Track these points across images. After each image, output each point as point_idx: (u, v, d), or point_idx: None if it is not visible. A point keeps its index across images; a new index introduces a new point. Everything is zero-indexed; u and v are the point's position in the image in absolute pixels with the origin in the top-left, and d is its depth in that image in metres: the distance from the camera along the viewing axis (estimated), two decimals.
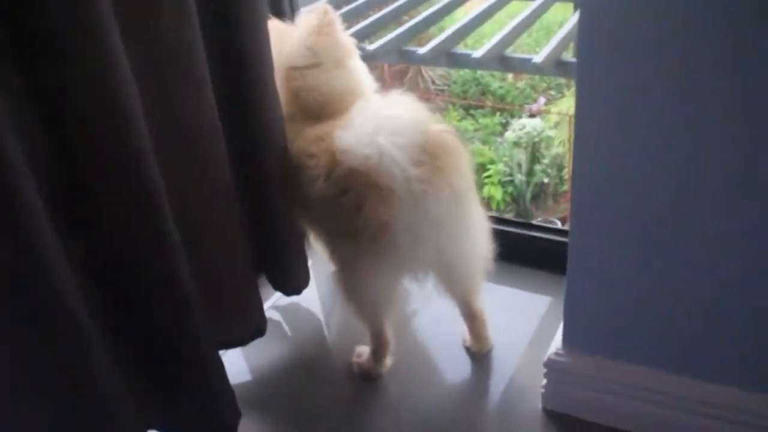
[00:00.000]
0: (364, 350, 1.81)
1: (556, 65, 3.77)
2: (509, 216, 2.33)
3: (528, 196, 5.21)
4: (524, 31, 4.29)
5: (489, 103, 6.10)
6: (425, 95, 5.72)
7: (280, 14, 1.91)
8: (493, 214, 2.20)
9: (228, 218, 1.57)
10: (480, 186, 5.19)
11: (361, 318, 1.69)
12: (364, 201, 1.42)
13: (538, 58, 3.61)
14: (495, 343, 1.83)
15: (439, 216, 1.44)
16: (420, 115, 1.46)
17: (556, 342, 1.60)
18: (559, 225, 4.99)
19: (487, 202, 5.27)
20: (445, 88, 6.21)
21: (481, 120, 5.97)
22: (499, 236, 1.70)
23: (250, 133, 1.66)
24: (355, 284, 1.58)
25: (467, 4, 5.19)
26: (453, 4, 4.60)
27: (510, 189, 5.21)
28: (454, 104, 6.10)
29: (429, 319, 1.94)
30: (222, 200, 1.54)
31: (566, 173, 4.99)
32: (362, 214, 1.42)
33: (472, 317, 1.79)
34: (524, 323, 1.93)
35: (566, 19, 6.48)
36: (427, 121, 1.46)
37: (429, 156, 1.40)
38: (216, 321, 1.63)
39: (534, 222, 2.12)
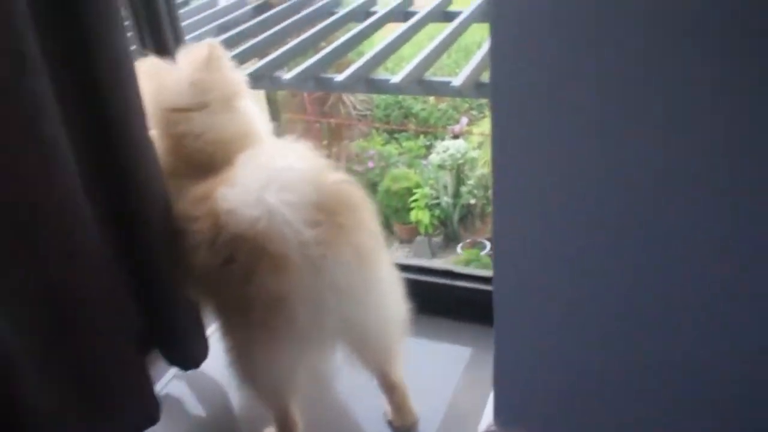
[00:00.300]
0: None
1: (476, 87, 3.76)
2: (424, 263, 2.12)
3: (456, 217, 5.19)
4: (443, 53, 4.28)
5: (412, 127, 6.07)
6: (347, 121, 5.66)
7: (162, 50, 1.64)
8: (408, 262, 2.01)
9: (103, 292, 1.33)
10: (407, 210, 5.15)
11: (260, 403, 1.50)
12: (254, 271, 1.20)
13: (457, 80, 3.60)
14: (420, 414, 1.61)
15: (343, 282, 1.24)
16: (315, 165, 1.28)
17: (488, 416, 1.47)
18: (487, 247, 4.99)
19: (415, 227, 5.22)
20: (368, 112, 6.16)
21: (405, 143, 5.94)
22: (414, 286, 1.56)
23: (122, 195, 1.39)
24: (250, 367, 1.33)
25: (385, 28, 5.18)
26: (371, 29, 4.57)
27: (437, 212, 5.18)
28: (377, 129, 6.05)
29: (345, 392, 1.72)
30: (93, 273, 1.30)
31: (492, 193, 4.97)
32: (252, 286, 1.20)
33: (391, 388, 1.56)
34: (450, 383, 1.75)
35: (484, 39, 6.55)
36: (323, 171, 1.27)
37: (327, 213, 1.21)
38: (98, 411, 1.43)
39: (453, 269, 1.95)
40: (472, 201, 5.10)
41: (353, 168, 5.63)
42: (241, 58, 4.02)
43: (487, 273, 1.85)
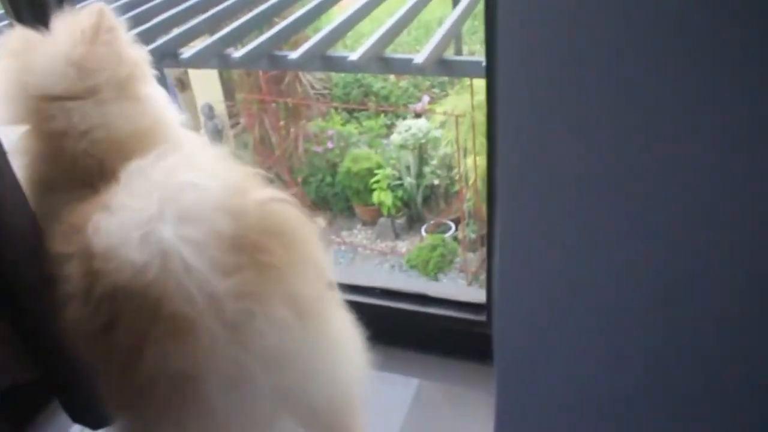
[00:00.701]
0: None
1: (439, 64, 3.62)
2: (396, 286, 1.70)
3: (419, 199, 5.05)
4: (403, 29, 4.12)
5: (372, 105, 5.90)
6: (305, 101, 5.46)
7: (43, 21, 1.26)
8: (378, 285, 1.66)
9: None
10: (369, 191, 5.00)
11: None
12: (144, 340, 0.83)
13: (419, 58, 3.45)
14: None
15: (276, 347, 0.88)
16: (230, 178, 0.90)
17: None
18: (453, 229, 4.87)
19: (378, 208, 5.08)
20: (326, 91, 5.96)
21: (365, 123, 5.77)
22: (386, 314, 1.33)
23: None
24: None
25: (342, 3, 4.99)
26: (327, 4, 4.38)
27: (400, 193, 5.03)
28: (336, 108, 5.86)
29: None
30: None
31: (456, 174, 4.85)
32: (144, 362, 0.83)
33: None
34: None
35: (445, 16, 6.40)
36: (242, 188, 0.90)
37: (250, 251, 0.85)
38: None
39: (430, 294, 1.57)
40: (436, 181, 4.96)
41: (312, 149, 5.45)
42: (187, 37, 3.81)
43: (470, 298, 1.54)
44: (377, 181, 4.94)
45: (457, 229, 4.84)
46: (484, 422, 1.39)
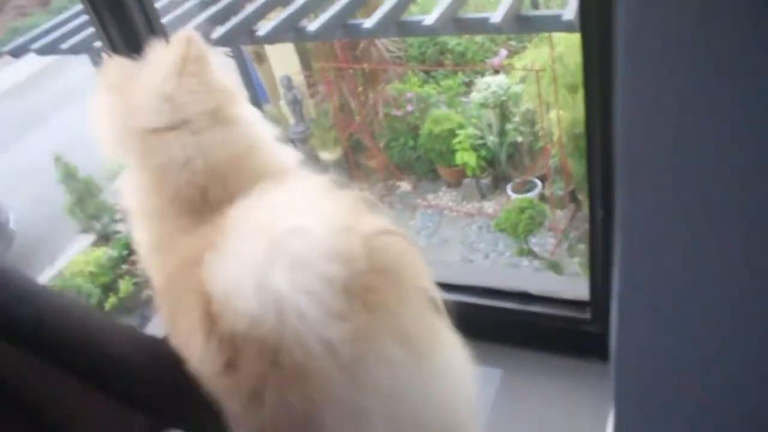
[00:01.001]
0: None
1: (517, 21, 3.52)
2: (497, 284, 1.64)
3: (503, 157, 4.96)
4: None
5: (449, 64, 5.79)
6: (381, 65, 5.40)
7: (134, 45, 1.30)
8: (480, 284, 1.60)
9: None
10: (452, 153, 4.93)
11: None
12: (264, 386, 0.88)
13: (496, 17, 3.36)
14: None
15: (390, 384, 0.92)
16: (338, 219, 0.88)
17: None
18: (539, 186, 4.76)
19: (462, 169, 5.02)
20: (401, 53, 5.89)
21: (443, 82, 5.69)
22: (489, 313, 1.30)
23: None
24: None
25: None
26: None
27: (483, 152, 4.95)
28: (413, 70, 5.79)
29: None
30: None
31: (539, 129, 4.72)
32: (265, 406, 0.88)
33: None
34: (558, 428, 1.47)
35: None
36: (348, 225, 0.88)
37: (361, 293, 0.86)
38: None
39: (532, 292, 1.52)
40: (519, 139, 4.85)
41: (392, 113, 5.40)
42: (262, 11, 3.82)
43: (573, 296, 1.51)
44: (460, 142, 4.87)
45: (543, 187, 4.73)
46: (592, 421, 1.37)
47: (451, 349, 1.04)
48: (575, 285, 1.48)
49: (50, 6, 10.00)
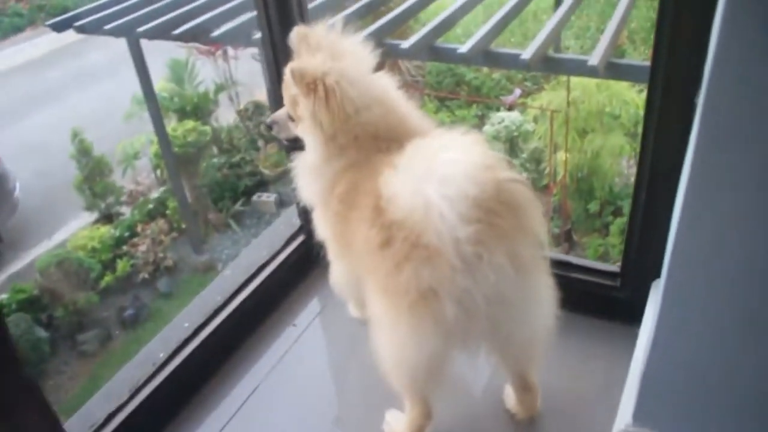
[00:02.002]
0: (396, 418, 1.53)
1: (545, 61, 3.69)
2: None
3: None
4: (509, 23, 4.19)
5: (464, 95, 5.99)
6: (404, 87, 5.54)
7: (288, 21, 1.66)
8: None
9: None
10: None
11: (395, 384, 1.46)
12: (407, 259, 1.20)
13: (527, 54, 3.52)
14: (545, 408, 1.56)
15: (496, 288, 1.20)
16: (482, 160, 1.20)
17: (625, 415, 1.41)
18: None
19: None
20: (420, 78, 6.08)
21: (457, 112, 5.87)
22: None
23: None
24: (392, 349, 1.34)
25: None
26: None
27: None
28: (429, 95, 5.97)
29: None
30: None
31: (545, 167, 4.91)
32: (404, 274, 1.21)
33: (525, 390, 1.53)
34: (578, 379, 1.67)
35: (540, 9, 6.39)
36: (490, 167, 1.20)
37: (486, 212, 1.16)
38: None
39: (575, 262, 1.83)
40: (524, 174, 5.03)
41: None
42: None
43: (607, 267, 1.84)
44: None
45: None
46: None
47: (545, 281, 1.33)
48: None
49: None
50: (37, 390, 1.12)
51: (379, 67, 1.49)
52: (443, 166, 1.16)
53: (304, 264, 1.90)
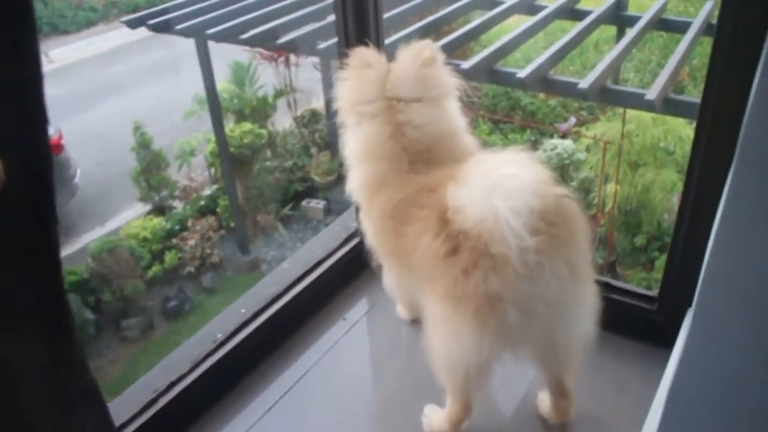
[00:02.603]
0: (434, 411, 1.61)
1: (602, 92, 3.71)
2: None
3: None
4: (569, 52, 4.21)
5: (518, 119, 6.02)
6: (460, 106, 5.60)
7: (363, 31, 1.80)
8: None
9: None
10: None
11: (448, 384, 1.54)
12: (475, 267, 1.29)
13: (585, 83, 3.54)
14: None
15: (555, 294, 1.30)
16: (539, 176, 1.31)
17: (650, 427, 1.45)
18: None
19: None
20: (476, 100, 6.12)
21: (510, 136, 5.90)
22: None
23: None
24: (450, 350, 1.43)
25: (509, 20, 5.14)
26: (497, 18, 4.55)
27: None
28: (483, 117, 6.02)
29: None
30: None
31: (594, 197, 4.90)
32: (471, 281, 1.30)
33: (561, 394, 1.61)
34: (608, 396, 1.73)
35: (601, 39, 6.38)
36: (546, 183, 1.31)
37: (547, 224, 1.26)
38: None
39: (614, 284, 1.91)
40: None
41: None
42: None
43: (645, 291, 1.91)
44: None
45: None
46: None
47: (592, 291, 1.42)
48: None
49: None
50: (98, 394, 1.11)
51: None
52: (508, 181, 1.25)
53: (356, 265, 1.98)
